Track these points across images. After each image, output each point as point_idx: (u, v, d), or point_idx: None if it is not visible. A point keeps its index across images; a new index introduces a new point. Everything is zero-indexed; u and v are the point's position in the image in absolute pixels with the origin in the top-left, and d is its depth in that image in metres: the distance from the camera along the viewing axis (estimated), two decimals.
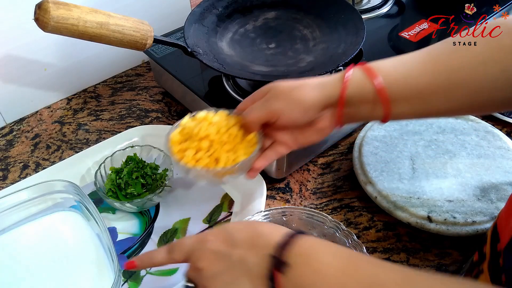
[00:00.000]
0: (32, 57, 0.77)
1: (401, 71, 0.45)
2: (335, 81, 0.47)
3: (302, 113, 0.47)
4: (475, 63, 0.43)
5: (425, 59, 0.45)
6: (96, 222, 0.57)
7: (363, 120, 0.50)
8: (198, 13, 0.73)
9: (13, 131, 0.79)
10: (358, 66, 0.47)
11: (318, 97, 0.46)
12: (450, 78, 0.44)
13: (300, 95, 0.46)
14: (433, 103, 0.45)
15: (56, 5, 0.53)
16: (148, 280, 0.56)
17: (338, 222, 0.54)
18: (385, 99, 0.45)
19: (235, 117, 0.53)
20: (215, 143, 0.50)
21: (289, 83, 0.48)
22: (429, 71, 0.44)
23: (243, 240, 0.39)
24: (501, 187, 0.60)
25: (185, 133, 0.52)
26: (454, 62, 0.44)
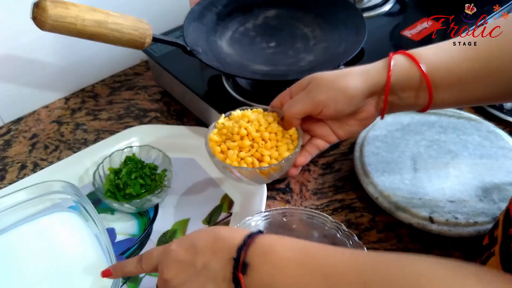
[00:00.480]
0: (30, 56, 0.77)
1: (443, 57, 0.45)
2: (379, 68, 0.46)
3: (347, 102, 0.46)
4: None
5: (464, 46, 0.46)
6: (95, 223, 0.57)
7: (404, 109, 0.49)
8: (197, 12, 0.72)
9: (10, 131, 0.79)
10: (400, 53, 0.47)
11: (363, 85, 0.46)
12: (490, 64, 0.44)
13: (345, 84, 0.45)
14: (472, 90, 0.46)
15: (53, 4, 0.52)
16: (147, 281, 0.56)
17: (339, 223, 0.54)
18: (430, 85, 0.45)
19: (272, 114, 0.53)
20: (256, 141, 0.50)
21: (331, 72, 0.47)
22: (470, 58, 0.45)
23: (205, 247, 0.40)
24: (503, 187, 0.60)
25: (223, 133, 0.52)
26: (494, 49, 0.44)
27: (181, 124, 0.77)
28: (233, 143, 0.50)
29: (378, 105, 0.48)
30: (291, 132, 0.51)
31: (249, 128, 0.50)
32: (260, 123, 0.51)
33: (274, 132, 0.51)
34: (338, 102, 0.46)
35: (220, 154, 0.51)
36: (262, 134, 0.50)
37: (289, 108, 0.49)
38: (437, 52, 0.46)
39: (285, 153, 0.50)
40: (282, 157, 0.49)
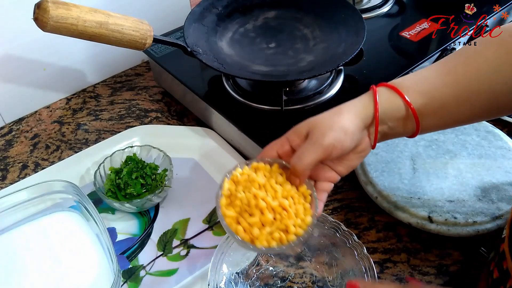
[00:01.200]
0: (31, 56, 0.77)
1: (424, 85, 0.47)
2: (366, 102, 0.47)
3: (350, 139, 0.46)
4: (490, 70, 0.45)
5: (443, 71, 0.47)
6: (96, 223, 0.57)
7: (395, 137, 0.51)
8: (198, 13, 0.73)
9: (12, 131, 0.79)
10: (383, 85, 0.48)
11: (357, 119, 0.47)
12: (470, 87, 0.45)
13: (343, 123, 0.46)
14: (457, 112, 0.47)
15: (55, 5, 0.53)
16: (147, 280, 0.56)
17: (338, 222, 0.54)
18: (416, 114, 0.47)
19: (277, 169, 0.48)
20: (278, 212, 0.45)
21: (326, 115, 0.47)
22: (450, 84, 0.46)
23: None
24: (502, 187, 0.60)
25: (237, 204, 0.46)
26: (471, 72, 0.46)
27: (182, 124, 0.78)
28: (252, 218, 0.44)
29: (369, 137, 0.49)
30: (303, 189, 0.47)
31: (267, 199, 0.45)
32: (274, 188, 0.46)
33: (290, 196, 0.46)
34: (343, 141, 0.46)
35: (244, 234, 0.44)
36: (282, 203, 0.45)
37: (300, 161, 0.45)
38: (418, 81, 0.47)
39: (308, 217, 0.45)
40: (306, 222, 0.45)
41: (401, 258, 0.57)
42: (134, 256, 0.59)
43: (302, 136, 0.47)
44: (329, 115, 0.47)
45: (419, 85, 0.47)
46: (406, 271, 0.56)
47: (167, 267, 0.57)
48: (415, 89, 0.47)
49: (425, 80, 0.47)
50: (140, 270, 0.57)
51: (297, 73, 0.66)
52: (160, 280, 0.56)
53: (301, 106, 0.67)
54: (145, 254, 0.59)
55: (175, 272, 0.57)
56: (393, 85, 0.47)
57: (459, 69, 0.46)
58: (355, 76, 0.72)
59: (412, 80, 0.48)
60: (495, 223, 0.56)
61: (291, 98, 0.68)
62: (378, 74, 0.72)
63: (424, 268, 0.56)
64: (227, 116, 0.67)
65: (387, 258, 0.58)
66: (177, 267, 0.57)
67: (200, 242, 0.60)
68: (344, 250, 0.53)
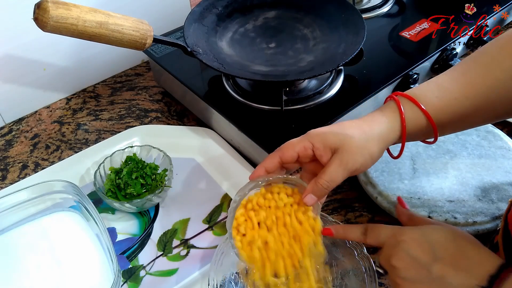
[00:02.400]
0: (31, 56, 0.77)
1: (446, 100, 0.47)
2: (393, 126, 0.47)
3: (373, 162, 0.48)
4: (507, 78, 0.45)
5: (462, 82, 0.47)
6: (96, 223, 0.57)
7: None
8: (198, 13, 0.73)
9: (12, 131, 0.79)
10: (403, 97, 0.48)
11: (383, 145, 0.48)
12: (489, 97, 0.46)
13: (372, 150, 0.47)
14: (473, 121, 0.49)
15: (55, 5, 0.53)
16: (147, 280, 0.56)
17: (338, 222, 0.54)
18: (436, 132, 0.48)
19: (284, 196, 0.48)
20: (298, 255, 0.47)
21: (354, 133, 0.46)
22: (470, 95, 0.46)
23: (446, 257, 0.39)
24: (502, 187, 0.60)
25: (254, 248, 0.47)
26: (490, 82, 0.46)
27: (182, 124, 0.78)
28: (276, 263, 0.47)
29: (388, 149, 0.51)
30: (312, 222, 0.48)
31: (289, 243, 0.47)
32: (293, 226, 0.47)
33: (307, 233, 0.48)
34: (368, 166, 0.48)
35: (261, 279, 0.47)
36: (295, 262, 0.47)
37: (330, 184, 0.47)
38: (441, 96, 0.47)
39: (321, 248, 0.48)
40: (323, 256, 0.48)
41: None
42: (134, 256, 0.59)
43: (329, 150, 0.46)
44: (363, 140, 0.46)
45: (443, 100, 0.47)
46: None
47: (167, 267, 0.57)
48: (439, 105, 0.47)
49: (448, 93, 0.47)
50: (140, 270, 0.57)
51: (297, 73, 0.66)
52: (160, 280, 0.56)
53: (301, 106, 0.67)
54: (145, 254, 0.59)
55: (175, 272, 0.57)
56: (417, 100, 0.47)
57: (478, 80, 0.47)
58: (355, 76, 0.72)
59: (434, 92, 0.48)
60: (495, 223, 0.56)
61: (291, 98, 0.68)
62: (378, 74, 0.72)
63: None
64: (227, 116, 0.67)
65: None
66: (177, 267, 0.57)
67: (200, 242, 0.60)
68: (344, 250, 0.53)
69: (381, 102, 0.73)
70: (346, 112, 0.66)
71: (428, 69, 0.79)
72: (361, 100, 0.67)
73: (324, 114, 0.66)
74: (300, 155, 0.47)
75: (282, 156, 0.47)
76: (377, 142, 0.47)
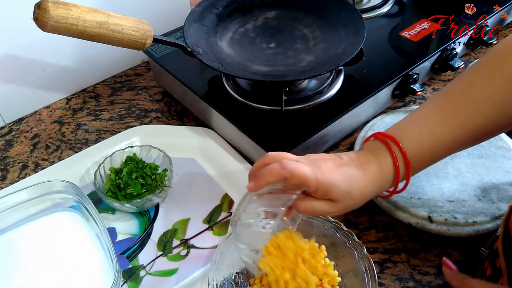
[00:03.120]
0: (31, 56, 0.77)
1: (435, 146, 0.48)
2: (387, 177, 0.48)
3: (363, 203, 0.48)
4: (498, 113, 0.46)
5: (452, 125, 0.47)
6: (96, 223, 0.57)
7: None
8: (198, 13, 0.73)
9: (12, 131, 0.79)
10: (396, 146, 0.48)
11: (377, 190, 0.48)
12: (476, 135, 0.48)
13: (367, 196, 0.47)
14: (449, 152, 0.50)
15: (55, 5, 0.53)
16: (147, 280, 0.56)
17: (338, 222, 0.54)
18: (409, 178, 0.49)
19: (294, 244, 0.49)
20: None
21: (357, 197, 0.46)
22: (459, 137, 0.47)
23: None
24: (502, 187, 0.60)
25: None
26: (479, 120, 0.47)
27: (182, 124, 0.78)
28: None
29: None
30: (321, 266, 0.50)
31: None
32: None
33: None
34: (359, 205, 0.48)
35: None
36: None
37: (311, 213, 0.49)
38: (432, 144, 0.48)
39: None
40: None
41: (401, 258, 0.57)
42: (134, 256, 0.59)
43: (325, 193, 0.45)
44: (357, 201, 0.47)
45: (434, 148, 0.48)
46: (406, 271, 0.56)
47: (167, 267, 0.57)
48: (424, 153, 0.48)
49: (439, 141, 0.48)
50: (140, 270, 0.57)
51: (297, 73, 0.66)
52: (160, 280, 0.56)
53: (301, 106, 0.67)
54: (145, 254, 0.59)
55: (175, 272, 0.57)
56: (404, 150, 0.47)
57: (468, 121, 0.47)
58: (355, 76, 0.72)
59: (426, 141, 0.48)
60: (495, 223, 0.56)
61: (291, 98, 0.68)
62: (378, 74, 0.72)
63: (424, 268, 0.56)
64: (227, 116, 0.67)
65: (387, 258, 0.58)
66: (177, 267, 0.57)
67: (200, 242, 0.60)
68: (344, 250, 0.53)
69: (381, 102, 0.74)
70: (346, 112, 0.66)
71: (428, 69, 0.79)
72: (361, 100, 0.67)
73: (324, 114, 0.66)
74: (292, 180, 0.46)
75: (286, 174, 0.45)
76: (374, 189, 0.48)
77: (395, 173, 0.47)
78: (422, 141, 0.48)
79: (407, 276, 0.56)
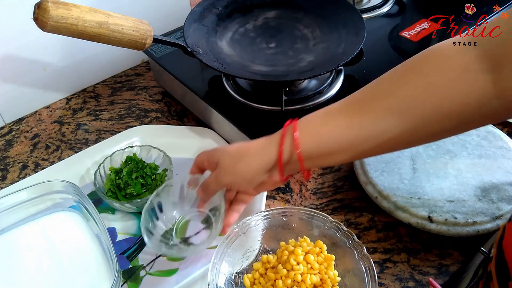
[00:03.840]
0: (31, 57, 0.77)
1: (329, 132, 0.47)
2: (271, 151, 0.49)
3: (249, 182, 0.52)
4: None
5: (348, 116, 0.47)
6: (96, 223, 0.57)
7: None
8: (198, 13, 0.73)
9: (12, 131, 0.79)
10: (290, 132, 0.48)
11: (259, 166, 0.50)
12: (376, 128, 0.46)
13: (243, 169, 0.50)
14: (363, 151, 0.48)
15: (55, 5, 0.53)
16: (147, 280, 0.56)
17: (338, 222, 0.54)
18: (302, 167, 0.49)
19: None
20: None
21: (233, 154, 0.51)
22: (355, 126, 0.46)
23: None
24: (502, 187, 0.60)
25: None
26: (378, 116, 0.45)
27: (182, 124, 0.78)
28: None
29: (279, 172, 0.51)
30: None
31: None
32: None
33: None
34: (240, 184, 0.53)
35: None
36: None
37: (205, 191, 0.55)
38: (322, 129, 0.48)
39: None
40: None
41: (401, 258, 0.57)
42: (134, 256, 0.59)
43: (214, 164, 0.53)
44: (236, 157, 0.51)
45: (323, 132, 0.47)
46: (406, 271, 0.56)
47: (167, 267, 0.57)
48: (315, 139, 0.48)
49: (333, 125, 0.47)
50: (140, 270, 0.57)
51: (297, 73, 0.66)
52: (160, 280, 0.56)
53: (301, 106, 0.67)
54: (145, 254, 0.59)
55: (175, 272, 0.57)
56: (297, 137, 0.47)
57: (358, 112, 0.46)
58: (355, 76, 0.72)
59: (318, 126, 0.48)
60: (495, 223, 0.56)
61: (291, 98, 0.68)
62: (378, 74, 0.71)
63: (424, 268, 0.56)
64: (227, 116, 0.67)
65: (387, 258, 0.58)
66: (177, 267, 0.57)
67: (199, 241, 0.60)
68: (344, 250, 0.53)
69: None
70: None
71: None
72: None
73: None
74: (200, 166, 0.56)
75: (196, 163, 0.57)
76: (252, 160, 0.50)
77: (280, 143, 0.48)
78: (322, 127, 0.48)
79: (407, 276, 0.56)
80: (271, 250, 0.56)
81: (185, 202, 0.61)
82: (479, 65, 0.40)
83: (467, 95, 0.41)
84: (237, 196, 0.57)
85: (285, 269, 0.49)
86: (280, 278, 0.50)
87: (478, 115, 0.42)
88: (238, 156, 0.51)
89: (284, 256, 0.51)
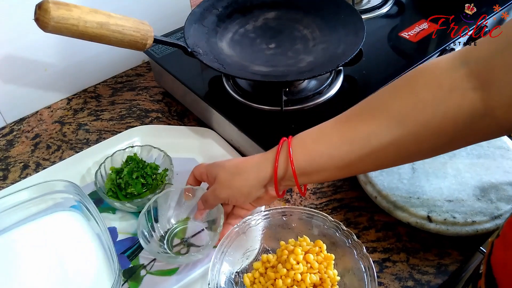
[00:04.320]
0: (33, 57, 0.77)
1: (322, 148, 0.48)
2: (266, 166, 0.51)
3: (245, 197, 0.53)
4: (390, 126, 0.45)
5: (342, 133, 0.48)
6: (96, 222, 0.57)
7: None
8: (198, 13, 0.73)
9: (13, 131, 0.79)
10: (285, 149, 0.50)
11: (255, 182, 0.51)
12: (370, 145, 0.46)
13: (240, 184, 0.52)
14: (356, 170, 0.51)
15: (56, 5, 0.53)
16: (148, 280, 0.56)
17: (338, 222, 0.54)
18: (297, 182, 0.50)
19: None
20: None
21: (230, 170, 0.53)
22: (349, 142, 0.47)
23: None
24: (501, 187, 0.60)
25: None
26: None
27: (182, 125, 0.78)
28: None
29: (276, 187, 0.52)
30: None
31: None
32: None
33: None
34: (237, 199, 0.54)
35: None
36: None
37: (205, 203, 0.56)
38: (317, 147, 0.48)
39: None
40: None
41: (400, 258, 0.58)
42: (134, 255, 0.59)
43: (213, 178, 0.55)
44: (232, 172, 0.52)
45: (318, 148, 0.48)
46: (405, 271, 0.56)
47: (167, 267, 0.58)
48: (313, 153, 0.48)
49: (326, 140, 0.48)
50: (141, 270, 0.58)
51: (297, 73, 0.66)
52: (161, 280, 0.56)
53: (300, 106, 0.68)
54: (145, 254, 0.59)
55: (175, 272, 0.57)
56: (291, 153, 0.48)
57: (350, 127, 0.47)
58: (354, 76, 0.72)
59: (313, 143, 0.49)
60: (494, 223, 0.56)
61: (291, 99, 0.68)
62: (378, 74, 0.72)
63: (423, 268, 0.56)
64: (227, 116, 0.67)
65: (387, 258, 0.58)
66: (177, 267, 0.57)
67: (200, 241, 0.60)
68: (343, 249, 0.53)
69: None
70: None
71: None
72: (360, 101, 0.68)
73: (324, 115, 0.65)
74: (198, 179, 0.59)
75: (194, 175, 0.59)
76: (248, 175, 0.51)
77: (275, 159, 0.49)
78: (315, 143, 0.49)
79: (406, 276, 0.56)
80: (271, 250, 0.56)
81: (182, 209, 0.62)
82: (467, 83, 0.40)
83: (455, 113, 0.41)
84: (233, 210, 0.58)
85: (285, 268, 0.50)
86: (280, 278, 0.50)
87: (469, 132, 0.42)
88: (235, 171, 0.52)
89: (284, 256, 0.51)
